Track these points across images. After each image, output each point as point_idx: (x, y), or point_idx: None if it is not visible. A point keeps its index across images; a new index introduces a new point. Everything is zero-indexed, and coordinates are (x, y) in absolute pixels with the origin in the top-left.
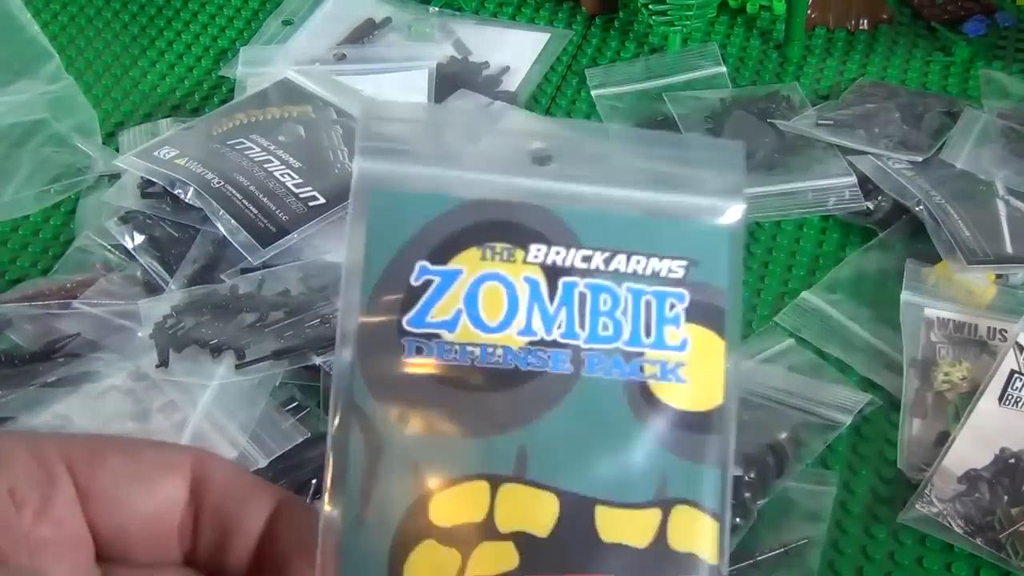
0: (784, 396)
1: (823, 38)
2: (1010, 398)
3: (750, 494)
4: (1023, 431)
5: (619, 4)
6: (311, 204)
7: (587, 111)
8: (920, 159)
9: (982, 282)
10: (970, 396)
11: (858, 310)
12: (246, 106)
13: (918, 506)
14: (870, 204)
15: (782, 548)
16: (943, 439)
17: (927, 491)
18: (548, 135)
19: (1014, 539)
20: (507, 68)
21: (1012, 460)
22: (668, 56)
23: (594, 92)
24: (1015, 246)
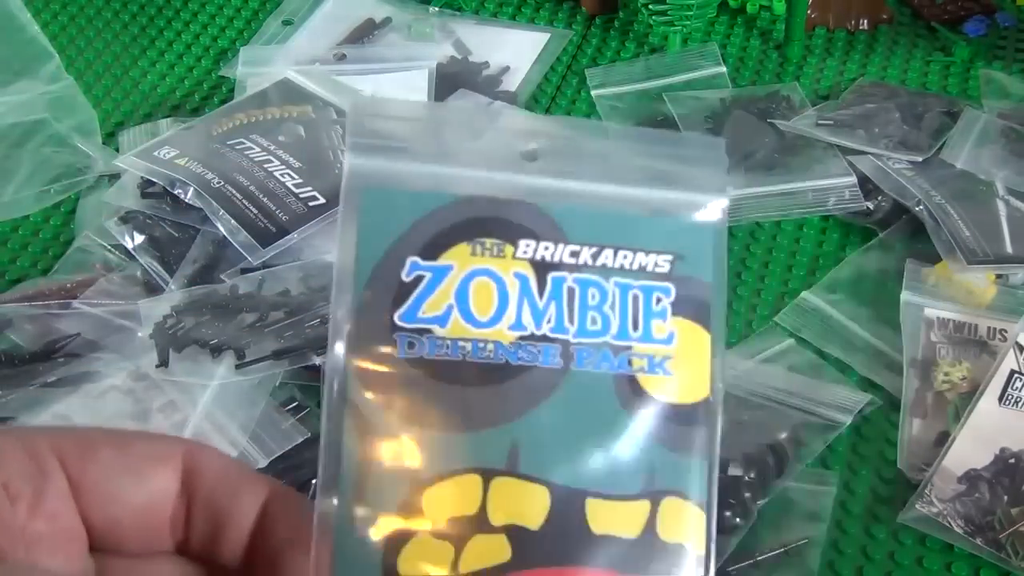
0: (784, 396)
1: (823, 38)
2: (1010, 398)
3: (750, 494)
4: (1023, 431)
5: (619, 4)
6: (311, 204)
7: (587, 111)
8: (920, 159)
9: (982, 282)
10: (970, 396)
11: (858, 310)
12: (246, 106)
13: (918, 506)
14: (870, 204)
15: (782, 548)
16: (943, 439)
17: (927, 491)
18: (536, 132)
19: (1014, 539)
20: (507, 68)
21: (1012, 460)
22: (668, 56)
23: (594, 92)
24: (1015, 246)
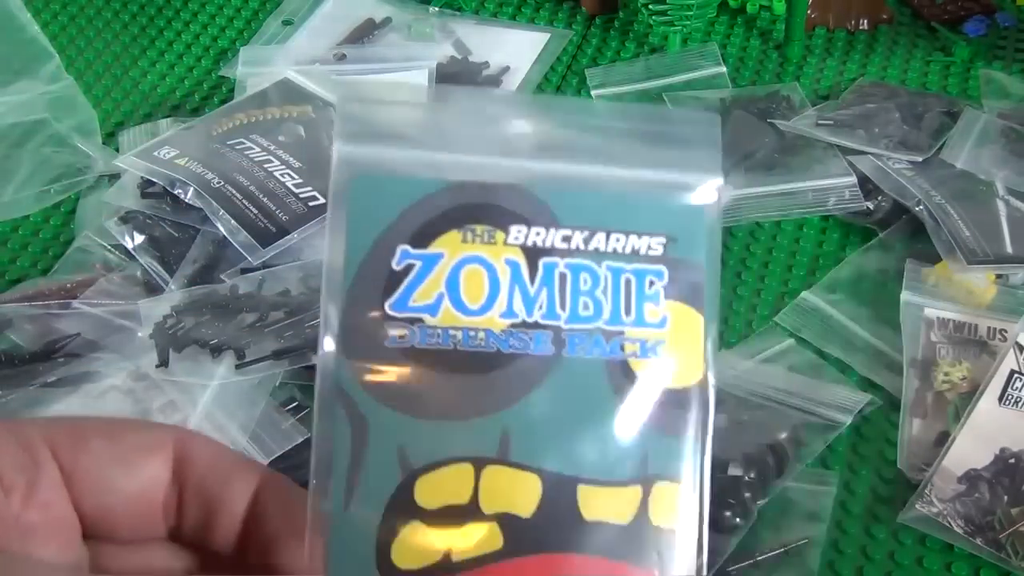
0: (784, 396)
1: (823, 38)
2: (1010, 398)
3: (750, 494)
4: (1023, 431)
5: (619, 4)
6: (311, 204)
7: None
8: (920, 159)
9: (982, 282)
10: (970, 396)
11: (858, 310)
12: (246, 106)
13: (918, 506)
14: (870, 204)
15: (782, 548)
16: (943, 439)
17: (927, 491)
18: (527, 112)
19: (1014, 539)
20: (507, 68)
21: (1012, 460)
22: (668, 56)
23: (594, 92)
24: (1015, 246)
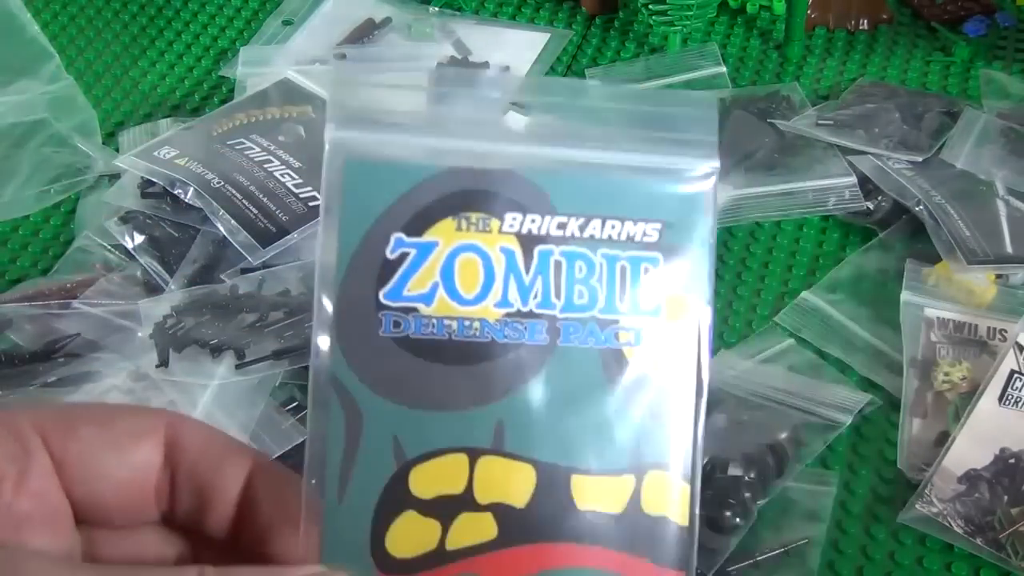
0: (784, 396)
1: (823, 38)
2: (1010, 398)
3: (750, 494)
4: (1023, 431)
5: (619, 4)
6: (311, 204)
7: None
8: (920, 159)
9: (982, 282)
10: (970, 396)
11: (858, 310)
12: (246, 106)
13: (918, 506)
14: (870, 204)
15: (782, 548)
16: (943, 439)
17: (927, 491)
18: (523, 95)
19: (1014, 539)
20: (507, 68)
21: (1012, 460)
22: (668, 56)
23: None
24: (1015, 246)
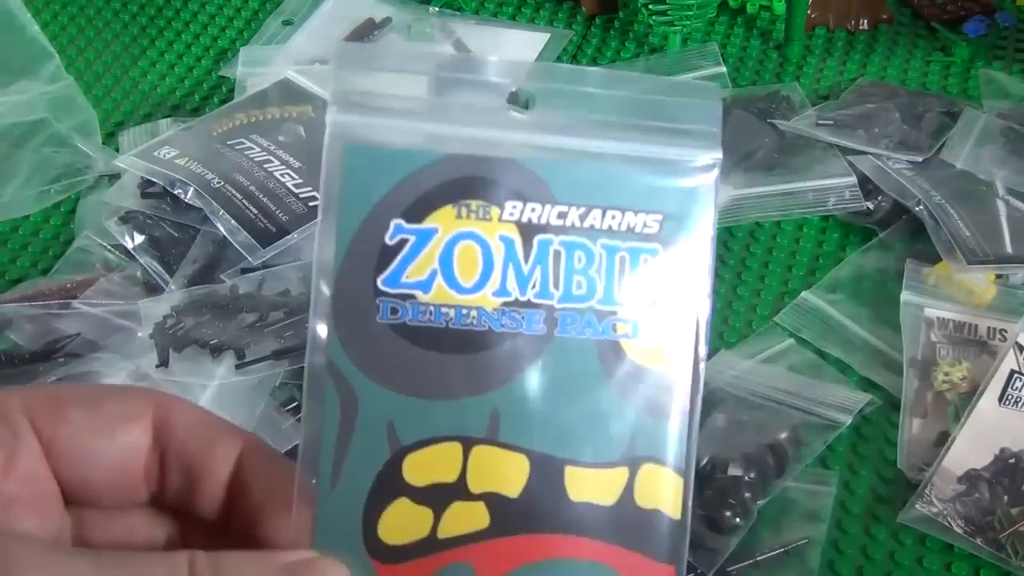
0: (784, 396)
1: (823, 38)
2: (1010, 398)
3: (750, 494)
4: (1023, 431)
5: (619, 4)
6: (311, 204)
7: None
8: (920, 159)
9: (982, 282)
10: (970, 396)
11: (858, 310)
12: (246, 106)
13: (918, 506)
14: (870, 204)
15: (782, 548)
16: (943, 439)
17: (927, 491)
18: (525, 83)
19: (1014, 539)
20: None
21: (1012, 460)
22: (668, 56)
23: None
24: (1015, 246)
